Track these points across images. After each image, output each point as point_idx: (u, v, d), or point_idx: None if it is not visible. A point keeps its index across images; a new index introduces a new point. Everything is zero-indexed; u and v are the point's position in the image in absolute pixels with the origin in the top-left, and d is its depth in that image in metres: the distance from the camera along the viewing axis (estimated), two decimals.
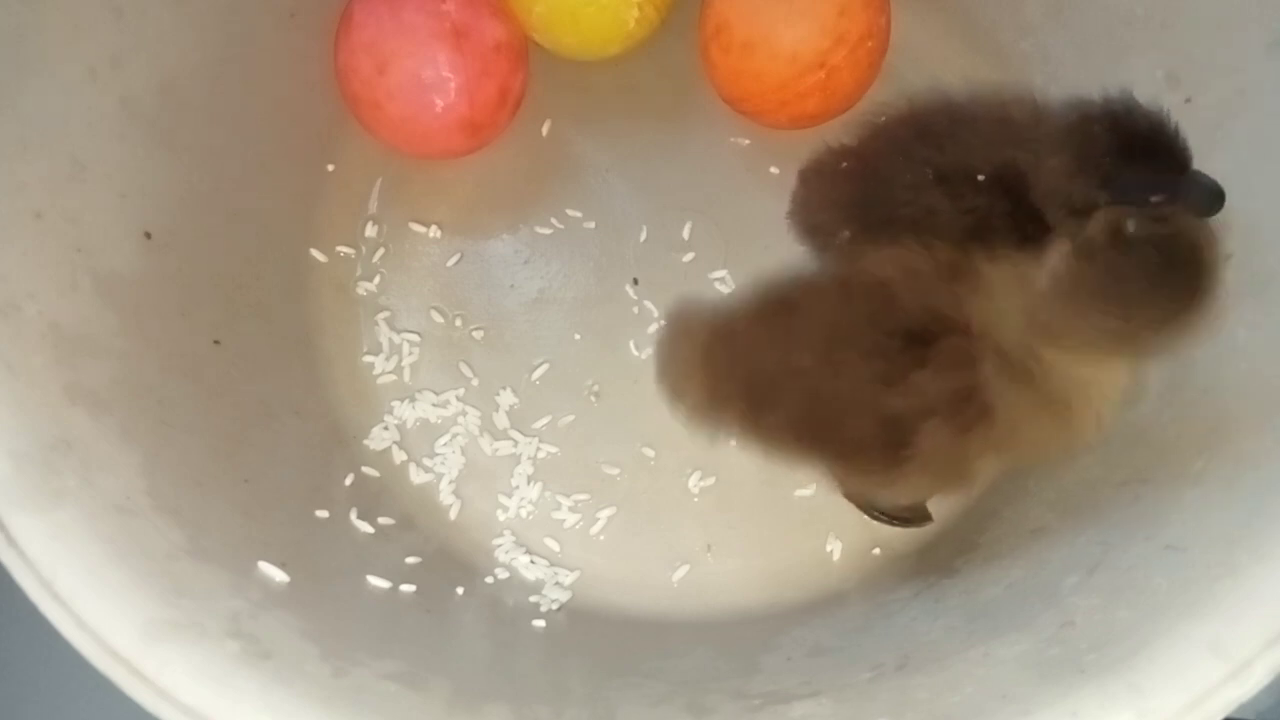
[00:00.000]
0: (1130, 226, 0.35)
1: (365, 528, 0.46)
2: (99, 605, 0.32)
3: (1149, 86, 0.45)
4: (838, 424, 0.39)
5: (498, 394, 0.51)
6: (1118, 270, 0.35)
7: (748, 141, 0.54)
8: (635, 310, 0.52)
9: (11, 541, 0.32)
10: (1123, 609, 0.34)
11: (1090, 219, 0.36)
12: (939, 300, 0.38)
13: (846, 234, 0.44)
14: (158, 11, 0.43)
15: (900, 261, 0.39)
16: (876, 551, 0.48)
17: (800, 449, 0.40)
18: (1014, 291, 0.38)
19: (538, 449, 0.50)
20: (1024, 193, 0.40)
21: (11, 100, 0.37)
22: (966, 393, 0.37)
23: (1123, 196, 0.37)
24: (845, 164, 0.45)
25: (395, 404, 0.51)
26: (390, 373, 0.51)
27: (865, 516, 0.48)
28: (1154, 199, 0.38)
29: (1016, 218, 0.40)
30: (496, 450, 0.50)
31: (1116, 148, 0.38)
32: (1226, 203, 0.39)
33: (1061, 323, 0.36)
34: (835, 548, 0.48)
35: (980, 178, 0.41)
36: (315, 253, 0.52)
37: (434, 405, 0.51)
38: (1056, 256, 0.36)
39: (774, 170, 0.52)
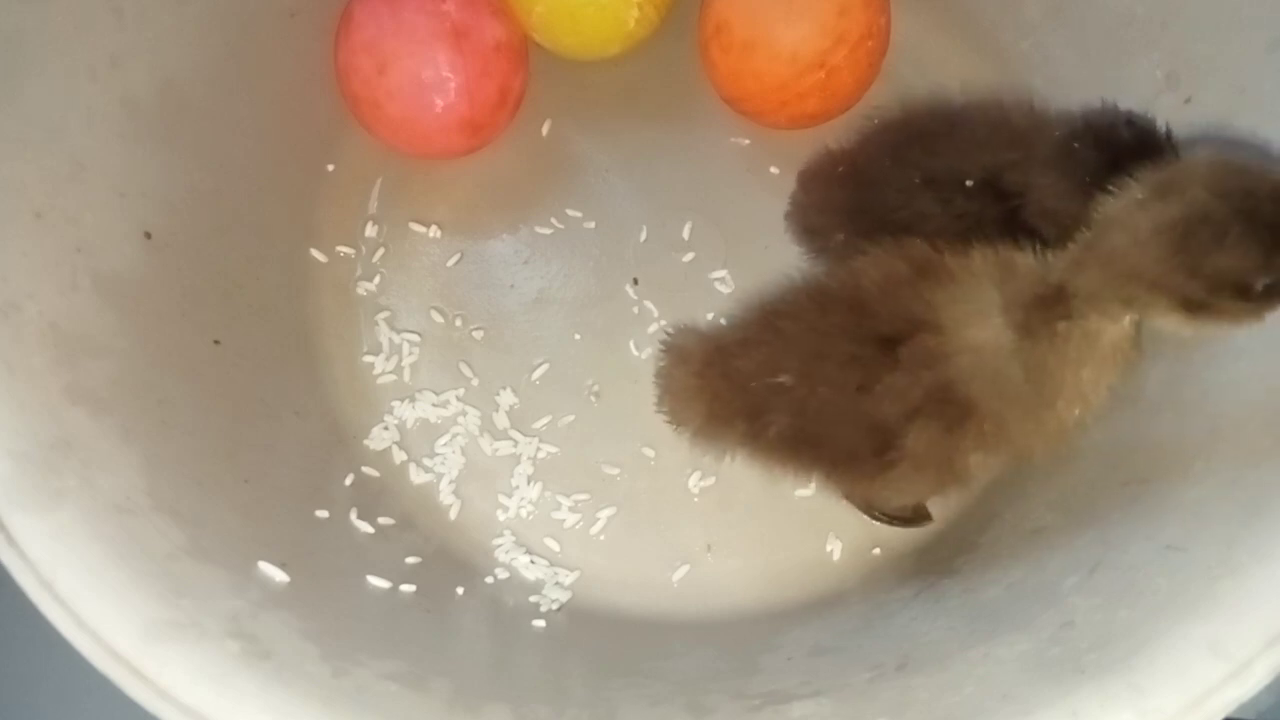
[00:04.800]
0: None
1: (365, 528, 0.46)
2: (99, 605, 0.32)
3: (1149, 86, 0.45)
4: (827, 436, 0.39)
5: (498, 394, 0.51)
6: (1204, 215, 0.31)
7: (748, 141, 0.54)
8: (635, 310, 0.52)
9: (11, 541, 0.32)
10: (1123, 609, 0.34)
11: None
12: (908, 301, 0.38)
13: (841, 237, 0.44)
14: (158, 11, 0.43)
15: (875, 267, 0.39)
16: (876, 551, 0.48)
17: (798, 463, 0.41)
18: (999, 280, 0.37)
19: (538, 449, 0.50)
20: (1017, 204, 0.40)
21: (11, 100, 0.37)
22: (943, 390, 0.37)
23: None
24: (841, 168, 0.45)
25: (395, 404, 0.51)
26: (390, 373, 0.51)
27: (865, 517, 0.48)
28: None
29: (1009, 225, 0.40)
30: (496, 450, 0.50)
31: (1105, 164, 0.38)
32: None
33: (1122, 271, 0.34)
34: (835, 548, 0.48)
35: (969, 183, 0.41)
36: (315, 253, 0.52)
37: (434, 405, 0.51)
38: (1123, 198, 0.34)
39: (774, 170, 0.52)
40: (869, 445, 0.39)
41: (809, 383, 0.39)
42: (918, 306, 0.38)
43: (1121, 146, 0.38)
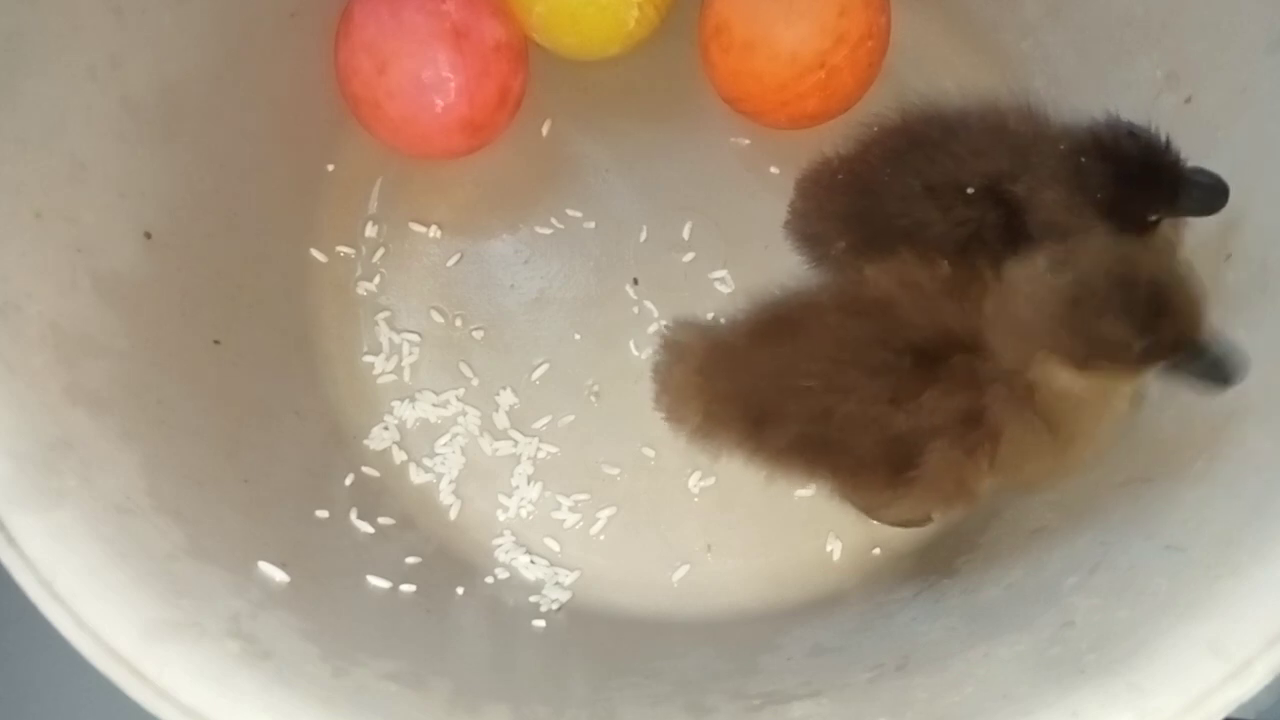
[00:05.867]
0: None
1: (365, 528, 0.46)
2: (99, 605, 0.32)
3: (1149, 86, 0.45)
4: (844, 444, 0.39)
5: (498, 394, 0.51)
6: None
7: (748, 141, 0.54)
8: (635, 310, 0.52)
9: (11, 541, 0.32)
10: (1123, 609, 0.34)
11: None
12: (947, 317, 0.38)
13: (842, 244, 0.44)
14: (158, 11, 0.43)
15: (901, 276, 0.39)
16: (876, 551, 0.48)
17: (805, 468, 0.40)
18: (1017, 306, 0.37)
19: (538, 449, 0.50)
20: (1019, 212, 0.40)
21: (11, 100, 0.37)
22: (976, 413, 0.37)
23: (1122, 224, 0.37)
24: (840, 175, 0.45)
25: (395, 404, 0.51)
26: (390, 373, 0.51)
27: (864, 516, 0.48)
28: (1152, 218, 0.38)
29: (1009, 233, 0.40)
30: (496, 450, 0.50)
31: (1111, 177, 0.38)
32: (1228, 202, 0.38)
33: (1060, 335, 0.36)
34: (835, 548, 0.48)
35: (970, 190, 0.41)
36: (315, 253, 0.52)
37: (434, 405, 0.51)
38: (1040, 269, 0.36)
39: (774, 170, 0.52)
40: (887, 459, 0.38)
41: (835, 389, 0.38)
42: (957, 324, 0.37)
43: (1128, 159, 0.38)
